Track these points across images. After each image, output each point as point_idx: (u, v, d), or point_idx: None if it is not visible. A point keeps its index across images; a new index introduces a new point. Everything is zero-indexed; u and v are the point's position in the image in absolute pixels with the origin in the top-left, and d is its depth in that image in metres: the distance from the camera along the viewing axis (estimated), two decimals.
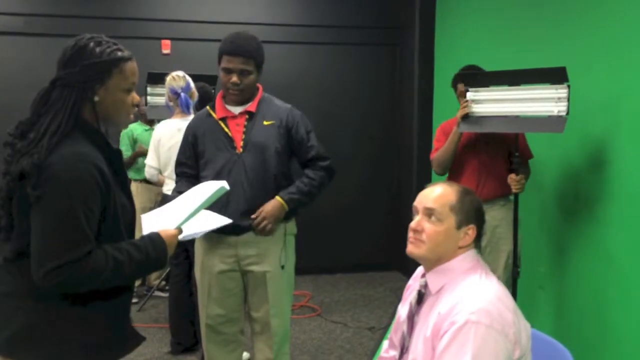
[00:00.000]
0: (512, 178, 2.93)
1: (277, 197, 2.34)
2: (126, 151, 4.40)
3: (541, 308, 3.43)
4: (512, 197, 3.13)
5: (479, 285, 1.49)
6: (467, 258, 1.54)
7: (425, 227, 1.54)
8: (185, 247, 3.26)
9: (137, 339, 1.62)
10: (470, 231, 1.55)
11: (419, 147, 4.99)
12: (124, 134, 4.46)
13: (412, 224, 1.57)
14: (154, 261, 1.56)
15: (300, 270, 2.54)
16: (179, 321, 3.48)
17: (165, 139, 3.46)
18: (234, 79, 2.30)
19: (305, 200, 2.40)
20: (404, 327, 1.60)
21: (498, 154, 3.08)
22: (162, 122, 3.55)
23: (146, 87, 4.29)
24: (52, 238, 1.41)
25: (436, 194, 1.57)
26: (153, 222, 1.69)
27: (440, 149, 3.12)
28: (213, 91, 3.96)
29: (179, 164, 2.50)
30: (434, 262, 1.56)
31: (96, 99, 1.51)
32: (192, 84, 3.46)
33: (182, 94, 3.36)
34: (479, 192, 3.02)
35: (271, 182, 2.35)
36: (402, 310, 1.66)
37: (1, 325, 1.48)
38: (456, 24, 4.59)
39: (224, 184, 1.79)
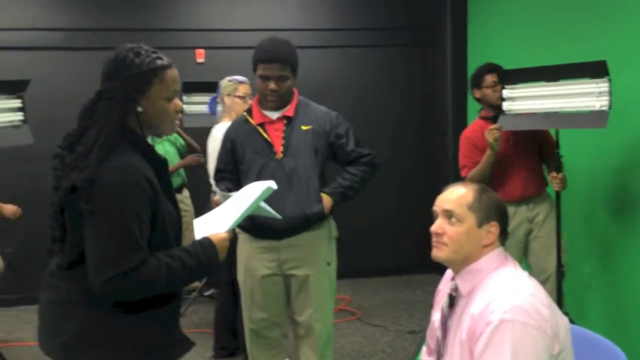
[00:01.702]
0: (553, 176, 2.87)
1: (322, 193, 2.36)
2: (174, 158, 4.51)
3: (591, 308, 3.34)
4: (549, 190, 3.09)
5: (510, 282, 1.47)
6: (495, 257, 1.53)
7: (447, 229, 1.54)
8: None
9: (187, 344, 1.64)
10: (493, 228, 1.53)
11: (454, 148, 4.93)
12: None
13: (433, 227, 1.57)
14: (205, 266, 1.57)
15: (338, 274, 2.54)
16: (224, 326, 3.49)
17: (215, 145, 3.46)
18: (272, 85, 2.31)
19: (349, 193, 2.41)
20: (438, 333, 1.58)
21: (528, 150, 3.05)
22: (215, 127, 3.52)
23: (182, 96, 4.37)
24: (107, 249, 1.44)
25: (453, 196, 1.57)
26: (204, 226, 1.71)
27: (475, 170, 3.02)
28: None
29: (217, 170, 2.52)
30: (460, 264, 1.54)
31: (139, 109, 1.54)
32: (221, 91, 3.43)
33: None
34: (517, 192, 2.99)
35: (311, 185, 2.36)
36: (435, 316, 1.65)
37: (55, 331, 1.53)
38: (489, 21, 4.53)
39: (271, 184, 1.80)
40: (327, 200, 2.37)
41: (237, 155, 2.43)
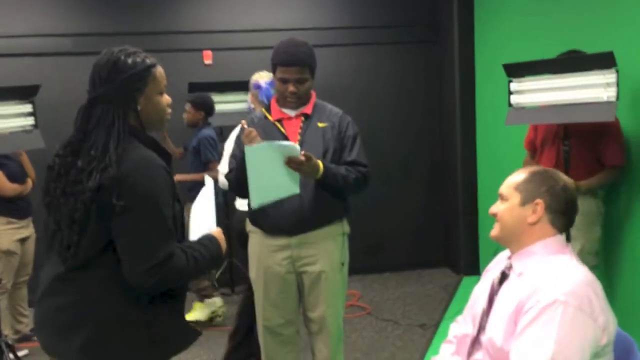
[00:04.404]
0: None
1: (319, 161, 2.28)
2: None
3: None
4: (600, 192, 3.04)
5: (567, 268, 1.50)
6: (552, 243, 1.56)
7: (498, 210, 1.63)
8: None
9: (194, 334, 1.69)
10: (539, 207, 1.56)
11: (462, 144, 4.94)
12: None
13: (490, 210, 1.66)
14: (216, 258, 1.68)
15: (349, 270, 2.56)
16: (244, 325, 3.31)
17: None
18: (291, 88, 2.35)
19: (337, 181, 2.33)
20: (484, 306, 1.61)
21: (582, 147, 2.97)
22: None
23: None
24: (145, 240, 1.50)
25: (509, 180, 1.65)
26: (194, 232, 1.77)
27: None
28: None
29: (234, 157, 2.47)
30: (511, 243, 1.60)
31: (139, 107, 1.59)
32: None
33: (264, 85, 3.18)
34: None
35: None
36: (479, 291, 1.68)
37: (71, 334, 1.54)
38: (496, 16, 4.52)
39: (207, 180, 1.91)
40: (319, 163, 2.26)
41: None
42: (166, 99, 1.66)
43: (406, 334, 3.83)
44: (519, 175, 1.63)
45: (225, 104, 4.41)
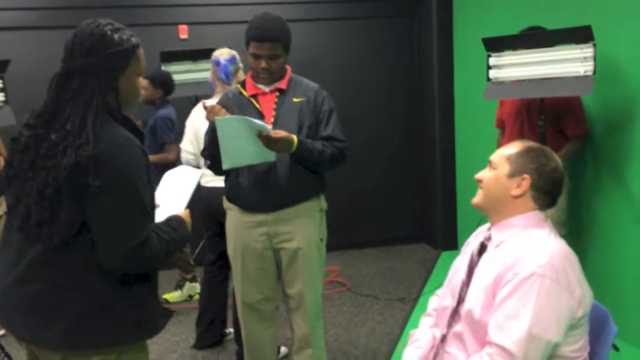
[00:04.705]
0: None
1: (293, 135, 2.27)
2: None
3: None
4: (566, 164, 3.08)
5: (546, 241, 1.52)
6: (532, 217, 1.58)
7: (483, 176, 1.64)
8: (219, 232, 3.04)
9: (169, 314, 1.69)
10: (524, 182, 1.57)
11: (440, 120, 4.95)
12: None
13: (476, 175, 1.66)
14: (184, 240, 1.65)
15: (328, 246, 2.56)
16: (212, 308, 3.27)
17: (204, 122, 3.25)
18: (263, 64, 2.31)
19: (313, 156, 2.31)
20: (464, 277, 1.62)
21: (546, 121, 2.99)
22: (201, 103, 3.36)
23: (160, 66, 4.27)
24: (123, 222, 1.45)
25: (503, 150, 1.65)
26: (162, 210, 1.74)
27: None
28: None
29: (207, 134, 2.43)
30: (492, 213, 1.61)
31: (118, 86, 1.53)
32: (238, 60, 3.20)
33: (223, 62, 3.14)
34: None
35: None
36: (459, 262, 1.70)
37: (50, 320, 1.48)
38: None
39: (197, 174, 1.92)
40: (292, 137, 2.25)
41: None
42: (142, 81, 1.62)
43: (386, 309, 3.87)
44: (514, 147, 1.63)
45: (198, 72, 4.30)
